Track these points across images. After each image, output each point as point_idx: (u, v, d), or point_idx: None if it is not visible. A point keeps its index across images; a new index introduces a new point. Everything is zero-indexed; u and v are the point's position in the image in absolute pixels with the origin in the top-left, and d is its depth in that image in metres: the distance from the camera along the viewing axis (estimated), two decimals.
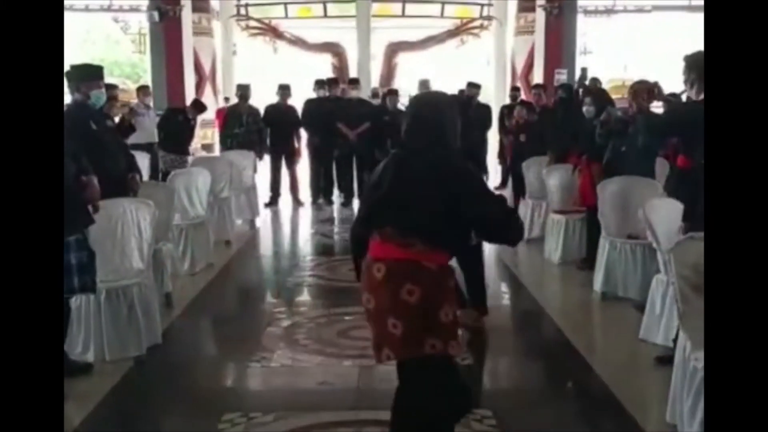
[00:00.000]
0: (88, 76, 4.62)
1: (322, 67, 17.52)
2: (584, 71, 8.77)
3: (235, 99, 10.34)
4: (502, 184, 10.25)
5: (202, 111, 9.56)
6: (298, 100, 10.13)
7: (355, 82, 10.66)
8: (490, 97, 16.45)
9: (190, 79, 15.30)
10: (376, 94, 11.50)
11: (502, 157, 9.83)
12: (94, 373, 3.89)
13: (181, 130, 9.15)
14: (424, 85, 10.25)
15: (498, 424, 3.28)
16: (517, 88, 11.80)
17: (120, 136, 5.37)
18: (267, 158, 9.94)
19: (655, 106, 5.26)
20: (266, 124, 9.73)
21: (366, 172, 10.07)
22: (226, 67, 18.54)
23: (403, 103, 10.40)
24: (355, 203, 9.98)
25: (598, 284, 5.35)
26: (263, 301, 5.75)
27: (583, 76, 8.45)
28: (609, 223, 5.37)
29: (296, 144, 10.07)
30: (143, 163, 7.42)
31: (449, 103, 2.66)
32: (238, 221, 8.22)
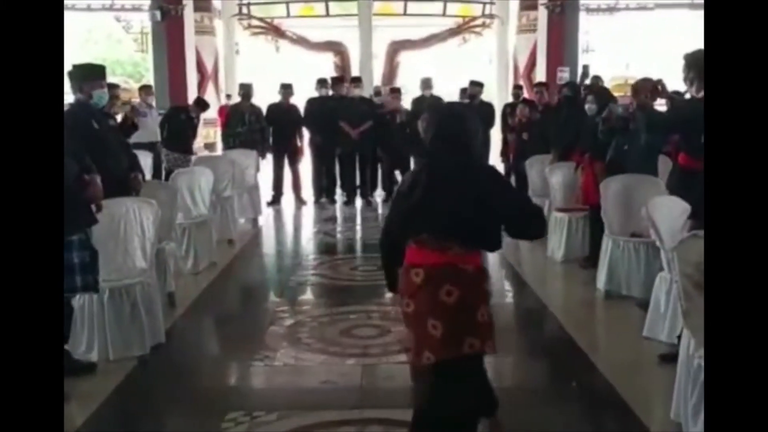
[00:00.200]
0: (91, 76, 4.61)
1: (324, 66, 17.54)
2: (586, 68, 8.74)
3: (237, 97, 10.35)
4: None
5: (205, 109, 9.62)
6: (301, 99, 10.13)
7: (358, 80, 10.64)
8: (493, 95, 16.45)
9: (192, 78, 15.31)
10: (378, 93, 11.50)
11: (504, 156, 9.79)
12: (97, 373, 3.89)
13: (184, 129, 9.16)
14: (426, 84, 10.24)
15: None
16: (520, 87, 11.77)
17: (123, 136, 5.36)
18: (269, 157, 9.94)
19: (659, 103, 5.24)
20: (269, 123, 9.74)
21: (368, 171, 10.09)
22: (229, 66, 18.58)
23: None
24: (358, 202, 9.99)
25: (601, 282, 5.34)
26: (266, 300, 5.75)
27: (585, 74, 8.41)
28: (612, 221, 5.36)
29: (299, 143, 10.06)
30: (146, 162, 7.43)
31: (471, 114, 2.80)
32: (241, 220, 8.22)
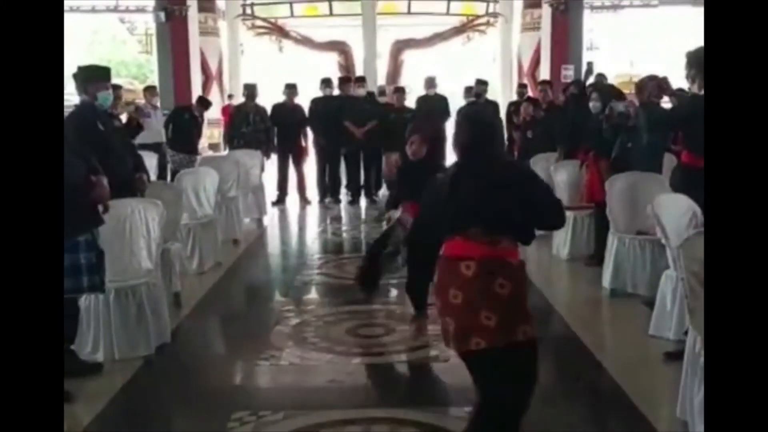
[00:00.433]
0: (95, 77, 4.62)
1: (328, 65, 17.53)
2: (590, 65, 8.70)
3: (240, 97, 10.39)
4: None
5: (208, 107, 9.77)
6: (305, 99, 10.14)
7: (362, 80, 10.61)
8: (497, 93, 16.43)
9: (196, 79, 15.34)
10: (383, 92, 11.48)
11: (509, 154, 9.79)
12: (103, 373, 3.90)
13: (188, 128, 9.22)
14: (430, 83, 10.23)
15: None
16: (525, 85, 11.75)
17: (128, 137, 5.38)
18: (274, 157, 9.94)
19: (665, 101, 5.23)
20: (273, 123, 9.74)
21: (373, 170, 10.08)
22: (233, 66, 18.59)
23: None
24: (362, 201, 9.99)
25: (606, 280, 5.33)
26: (271, 300, 5.76)
27: (589, 71, 8.38)
28: (618, 219, 5.35)
29: (303, 143, 10.07)
30: (151, 163, 7.45)
31: (495, 117, 3.04)
32: (246, 220, 8.23)
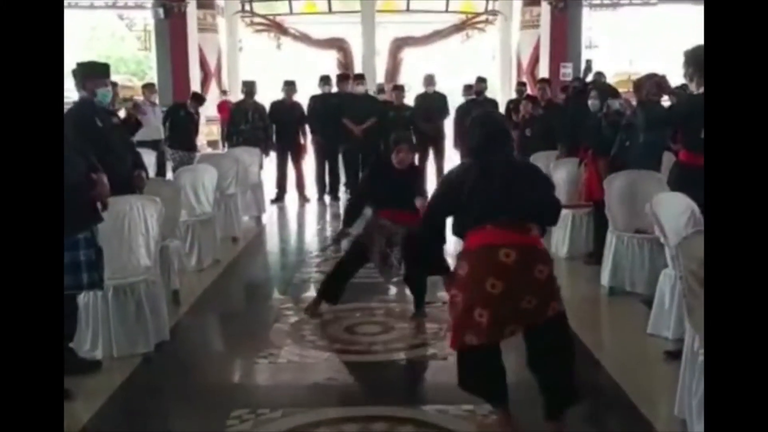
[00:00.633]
0: (94, 74, 4.61)
1: (327, 62, 17.51)
2: (588, 63, 8.69)
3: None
4: None
5: (202, 102, 9.90)
6: (304, 96, 10.12)
7: (361, 77, 10.59)
8: (496, 91, 16.42)
9: (195, 76, 15.32)
10: (381, 90, 11.47)
11: None
12: (102, 370, 3.90)
13: (185, 125, 9.26)
14: (429, 81, 10.21)
15: None
16: (524, 83, 11.74)
17: (126, 134, 5.37)
18: (273, 155, 9.94)
19: (664, 100, 5.23)
20: (272, 121, 9.74)
21: None
22: (231, 63, 18.56)
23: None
24: None
25: (605, 279, 5.33)
26: (270, 298, 5.75)
27: (588, 69, 8.37)
28: (616, 217, 5.35)
29: (302, 140, 10.06)
30: (149, 160, 7.43)
31: (505, 118, 3.42)
32: (245, 218, 8.22)
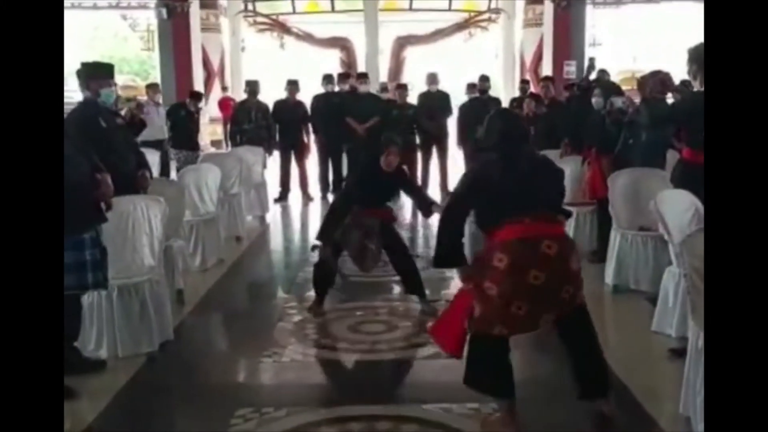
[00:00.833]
0: (98, 74, 4.62)
1: (330, 62, 17.50)
2: (592, 61, 8.66)
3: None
4: None
5: (201, 99, 10.03)
6: (307, 96, 10.12)
7: (364, 76, 10.58)
8: (499, 90, 16.41)
9: (198, 76, 15.33)
10: (384, 89, 11.46)
11: None
12: (107, 370, 3.91)
13: (186, 124, 9.31)
14: (432, 79, 10.20)
15: None
16: (527, 81, 11.72)
17: (130, 134, 5.38)
18: (276, 154, 9.95)
19: (668, 97, 5.21)
20: (275, 120, 9.74)
21: None
22: (234, 63, 18.56)
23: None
24: None
25: (609, 277, 5.32)
26: (274, 297, 5.76)
27: (591, 67, 8.35)
28: (620, 215, 5.34)
29: (305, 139, 10.06)
30: (153, 160, 7.44)
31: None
32: (249, 217, 8.22)
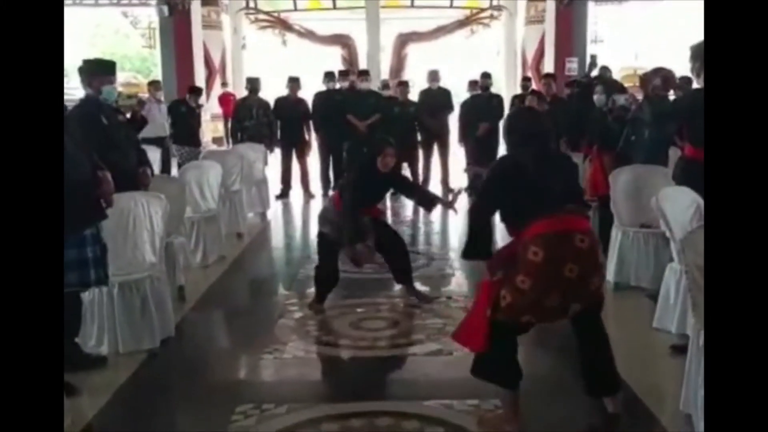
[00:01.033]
0: (100, 71, 4.61)
1: (332, 59, 17.50)
2: (593, 58, 8.67)
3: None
4: None
5: (200, 94, 10.06)
6: (308, 93, 10.12)
7: (365, 73, 10.58)
8: (501, 87, 16.40)
9: (200, 73, 15.33)
10: (386, 86, 11.45)
11: None
12: (107, 366, 3.91)
13: (187, 120, 9.31)
14: (434, 76, 10.19)
15: None
16: (529, 78, 11.71)
17: (132, 131, 5.38)
18: (277, 151, 9.95)
19: (671, 94, 5.22)
20: (276, 117, 9.74)
21: None
22: (236, 60, 18.56)
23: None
24: None
25: (610, 274, 5.30)
26: (275, 293, 5.76)
27: (593, 64, 8.35)
28: (621, 212, 5.34)
29: (306, 136, 10.06)
30: (154, 157, 7.45)
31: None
32: (250, 214, 8.23)
